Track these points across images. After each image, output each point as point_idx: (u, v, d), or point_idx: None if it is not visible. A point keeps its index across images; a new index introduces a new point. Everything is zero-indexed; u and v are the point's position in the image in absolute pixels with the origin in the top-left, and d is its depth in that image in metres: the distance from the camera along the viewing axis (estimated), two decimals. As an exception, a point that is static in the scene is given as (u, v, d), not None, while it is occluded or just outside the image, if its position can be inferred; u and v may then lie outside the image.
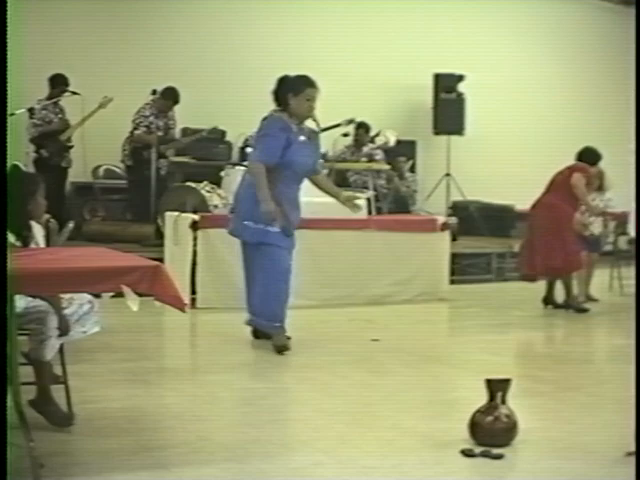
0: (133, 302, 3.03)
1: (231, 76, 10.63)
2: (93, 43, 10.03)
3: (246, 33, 10.80)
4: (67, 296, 3.88)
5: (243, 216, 5.62)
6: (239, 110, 10.04)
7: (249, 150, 10.47)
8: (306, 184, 5.81)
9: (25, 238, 3.94)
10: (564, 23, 13.12)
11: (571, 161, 8.01)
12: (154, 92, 9.23)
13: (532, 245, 7.83)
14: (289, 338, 5.66)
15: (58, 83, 8.98)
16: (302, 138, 5.57)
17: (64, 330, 3.77)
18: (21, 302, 3.52)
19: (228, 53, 10.69)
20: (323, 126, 8.31)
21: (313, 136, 5.75)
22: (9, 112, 6.36)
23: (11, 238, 3.78)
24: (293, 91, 5.54)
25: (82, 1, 10.27)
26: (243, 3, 10.93)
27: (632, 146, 11.52)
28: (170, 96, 9.25)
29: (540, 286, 8.01)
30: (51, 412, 3.76)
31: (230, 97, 10.33)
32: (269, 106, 5.73)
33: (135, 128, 9.16)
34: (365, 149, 10.48)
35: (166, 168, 9.48)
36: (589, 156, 7.98)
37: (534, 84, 12.61)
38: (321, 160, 6.35)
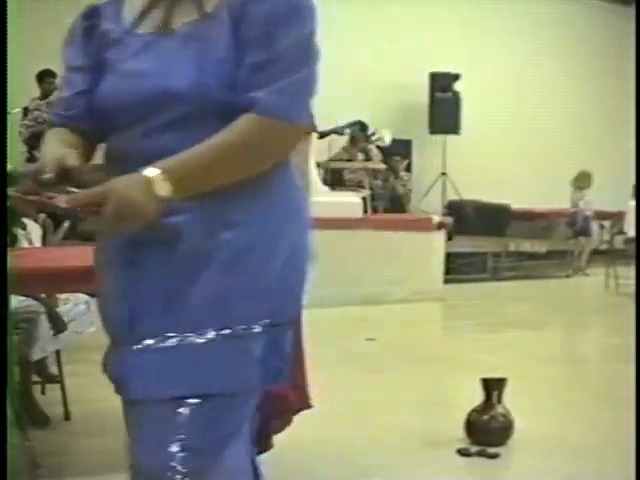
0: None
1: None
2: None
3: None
4: (63, 295, 3.87)
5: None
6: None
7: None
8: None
9: (13, 237, 3.91)
10: (561, 22, 13.12)
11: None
12: None
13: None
14: None
15: (46, 78, 8.91)
16: None
17: (60, 328, 3.76)
18: (12, 301, 3.50)
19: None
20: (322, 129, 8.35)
21: None
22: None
23: None
24: None
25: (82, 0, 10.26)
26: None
27: (631, 146, 11.57)
28: None
29: (539, 284, 8.00)
30: (30, 411, 3.73)
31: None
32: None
33: None
34: (360, 144, 10.42)
35: None
36: None
37: (530, 83, 12.60)
38: None
